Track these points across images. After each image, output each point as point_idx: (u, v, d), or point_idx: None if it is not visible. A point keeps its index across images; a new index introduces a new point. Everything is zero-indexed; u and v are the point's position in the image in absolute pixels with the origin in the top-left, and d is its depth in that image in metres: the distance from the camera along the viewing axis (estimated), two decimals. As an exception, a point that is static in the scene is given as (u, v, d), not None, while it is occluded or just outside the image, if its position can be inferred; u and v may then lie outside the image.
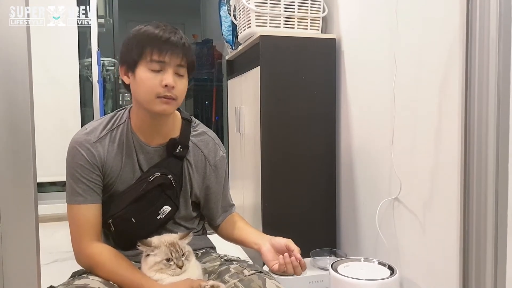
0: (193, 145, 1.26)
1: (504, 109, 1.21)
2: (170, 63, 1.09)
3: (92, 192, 1.14)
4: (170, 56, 1.09)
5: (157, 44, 1.08)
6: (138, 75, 1.11)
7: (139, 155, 1.19)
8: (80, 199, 1.13)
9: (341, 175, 2.17)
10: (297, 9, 2.14)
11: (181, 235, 1.11)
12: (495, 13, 1.21)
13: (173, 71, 1.10)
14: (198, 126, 1.31)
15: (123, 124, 1.20)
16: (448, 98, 1.41)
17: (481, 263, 1.28)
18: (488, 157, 1.25)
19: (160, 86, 1.08)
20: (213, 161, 1.28)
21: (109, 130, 1.18)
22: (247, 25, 2.16)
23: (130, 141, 1.19)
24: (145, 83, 1.09)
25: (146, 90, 1.09)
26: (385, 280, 1.49)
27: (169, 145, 1.20)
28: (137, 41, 1.11)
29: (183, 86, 1.14)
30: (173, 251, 1.05)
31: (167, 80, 1.08)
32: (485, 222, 1.26)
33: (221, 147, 1.32)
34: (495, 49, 1.21)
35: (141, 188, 1.16)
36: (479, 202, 1.28)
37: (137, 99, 1.15)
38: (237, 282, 1.10)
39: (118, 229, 1.18)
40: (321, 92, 2.13)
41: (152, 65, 1.09)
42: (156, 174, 1.17)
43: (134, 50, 1.11)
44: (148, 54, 1.09)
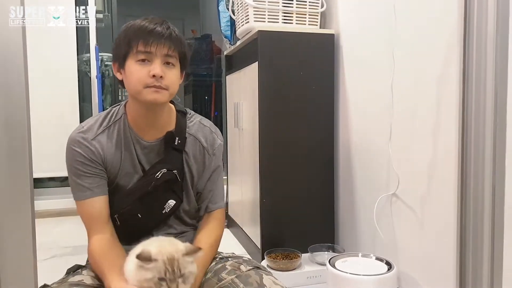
0: (190, 135, 1.25)
1: (501, 104, 1.21)
2: (156, 53, 1.09)
3: (98, 185, 1.15)
4: (156, 46, 1.08)
5: (142, 35, 1.09)
6: (127, 69, 1.11)
7: (137, 149, 1.20)
8: (88, 193, 1.13)
9: (339, 171, 2.17)
10: (295, 4, 2.14)
11: (188, 250, 0.97)
12: (493, 9, 1.21)
13: (161, 61, 1.09)
14: (193, 116, 1.30)
15: (120, 119, 1.20)
16: (446, 93, 1.41)
17: (478, 259, 1.28)
18: (485, 152, 1.25)
19: (148, 77, 1.08)
20: (211, 150, 1.28)
21: (106, 127, 1.18)
22: (246, 20, 2.16)
23: (128, 136, 1.19)
24: (134, 74, 1.09)
25: (135, 82, 1.10)
26: (383, 275, 1.49)
27: (167, 138, 1.20)
28: (125, 36, 1.12)
29: (173, 75, 1.13)
30: (168, 270, 0.90)
31: (154, 70, 1.08)
32: (482, 217, 1.27)
33: (218, 135, 1.31)
34: (493, 45, 1.21)
35: (149, 185, 1.17)
36: (476, 197, 1.28)
37: (129, 92, 1.15)
38: (234, 278, 1.09)
39: (124, 224, 1.19)
40: (320, 87, 2.13)
41: (139, 56, 1.09)
42: (162, 171, 1.18)
43: (122, 45, 1.12)
44: (134, 46, 1.09)
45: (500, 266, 1.24)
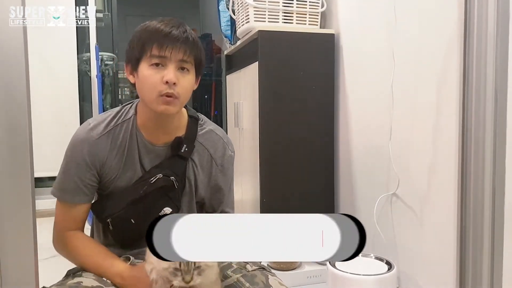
0: (199, 144, 1.20)
1: (501, 104, 1.22)
2: (171, 58, 1.04)
3: (80, 192, 1.11)
4: (171, 50, 1.03)
5: (157, 38, 1.03)
6: (140, 73, 1.06)
7: (142, 154, 1.15)
8: (68, 197, 1.11)
9: (339, 170, 2.17)
10: (295, 4, 2.14)
11: None
12: (493, 8, 1.21)
13: (176, 66, 1.04)
14: (205, 124, 1.24)
15: (128, 120, 1.15)
16: (446, 93, 1.41)
17: (478, 258, 1.28)
18: (485, 152, 1.25)
19: (161, 83, 1.03)
20: (220, 161, 1.22)
21: (113, 127, 1.14)
22: (246, 20, 2.16)
23: (134, 139, 1.15)
24: (147, 80, 1.05)
25: (149, 88, 1.05)
26: (383, 275, 1.49)
27: (174, 144, 1.15)
28: (139, 38, 1.07)
29: (187, 83, 1.07)
30: (183, 262, 0.92)
31: (168, 76, 1.03)
32: (482, 217, 1.27)
33: (229, 145, 1.26)
34: (493, 45, 1.21)
35: (141, 190, 1.12)
36: (476, 197, 1.28)
37: (141, 98, 1.11)
38: (240, 277, 1.09)
39: (117, 228, 1.15)
40: (320, 87, 2.13)
41: (153, 60, 1.04)
42: (158, 176, 1.13)
43: (136, 47, 1.07)
44: (148, 50, 1.04)
45: (500, 266, 1.24)
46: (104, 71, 3.73)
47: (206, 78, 4.98)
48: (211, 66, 4.94)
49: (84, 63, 3.57)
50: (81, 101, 3.57)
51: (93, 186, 1.13)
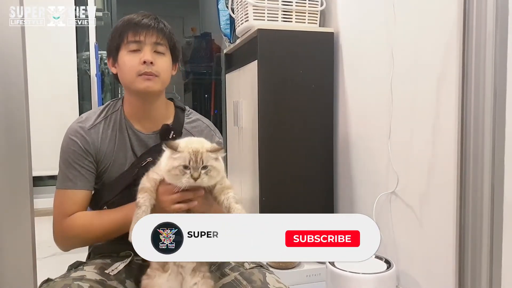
0: (187, 132, 1.26)
1: (500, 102, 1.22)
2: (145, 41, 1.14)
3: (82, 178, 1.15)
4: (144, 34, 1.14)
5: (131, 26, 1.15)
6: (120, 59, 1.16)
7: (133, 142, 1.21)
8: (70, 184, 1.14)
9: (339, 169, 2.17)
10: (295, 2, 2.14)
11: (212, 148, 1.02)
12: (492, 6, 1.21)
13: (151, 49, 1.15)
14: (192, 114, 1.31)
15: (116, 112, 1.22)
16: (445, 91, 1.42)
17: (477, 257, 1.28)
18: (484, 150, 1.25)
19: (139, 64, 1.13)
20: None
21: (103, 118, 1.21)
22: (245, 19, 2.15)
23: (124, 128, 1.21)
24: (126, 64, 1.14)
25: (128, 70, 1.14)
26: (382, 274, 1.50)
27: (162, 131, 1.22)
28: (116, 29, 1.19)
29: (164, 63, 1.17)
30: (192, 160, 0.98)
31: (145, 56, 1.13)
32: (481, 216, 1.27)
33: (216, 133, 1.32)
34: (492, 44, 1.21)
35: (133, 173, 1.17)
36: (475, 196, 1.28)
37: (123, 83, 1.19)
38: (237, 275, 1.10)
39: None
40: (319, 86, 2.13)
41: (130, 45, 1.14)
42: (148, 159, 1.18)
43: (114, 37, 1.18)
44: (125, 37, 1.15)
45: (499, 264, 1.25)
46: (104, 70, 3.72)
47: (206, 77, 4.97)
48: (211, 65, 4.93)
49: (83, 62, 3.57)
50: (81, 100, 3.57)
51: (92, 173, 1.18)
